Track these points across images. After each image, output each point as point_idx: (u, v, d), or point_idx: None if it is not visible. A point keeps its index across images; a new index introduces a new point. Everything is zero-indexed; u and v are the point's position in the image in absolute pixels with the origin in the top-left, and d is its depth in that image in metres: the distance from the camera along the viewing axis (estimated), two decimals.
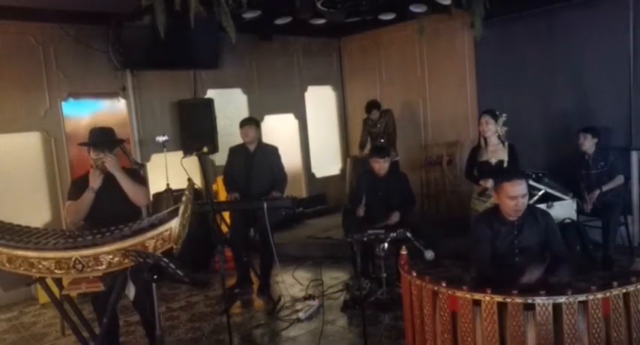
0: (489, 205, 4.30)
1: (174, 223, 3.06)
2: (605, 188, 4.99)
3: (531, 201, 4.74)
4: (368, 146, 6.75)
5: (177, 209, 3.13)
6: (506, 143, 4.44)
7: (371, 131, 6.81)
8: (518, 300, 2.36)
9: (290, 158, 6.96)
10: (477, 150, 4.62)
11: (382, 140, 6.66)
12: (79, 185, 3.47)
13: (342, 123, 8.48)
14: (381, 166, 4.81)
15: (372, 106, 6.68)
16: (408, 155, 7.19)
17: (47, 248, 3.08)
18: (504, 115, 4.48)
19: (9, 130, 5.33)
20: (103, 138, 3.47)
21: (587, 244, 4.89)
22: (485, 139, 4.49)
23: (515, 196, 3.03)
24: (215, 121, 6.48)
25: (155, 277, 2.78)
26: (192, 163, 3.95)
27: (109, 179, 3.42)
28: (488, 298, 2.41)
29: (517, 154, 4.44)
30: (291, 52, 7.77)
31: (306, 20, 5.61)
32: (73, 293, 3.45)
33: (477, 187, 4.52)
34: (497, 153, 4.44)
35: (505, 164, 4.37)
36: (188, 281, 2.93)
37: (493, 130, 4.44)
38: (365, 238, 4.19)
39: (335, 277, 5.35)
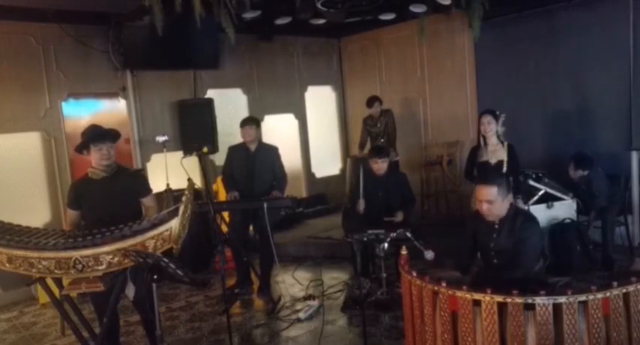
0: None
1: (174, 223, 3.06)
2: (589, 225, 5.01)
3: (531, 201, 4.75)
4: (368, 146, 6.75)
5: (177, 209, 3.13)
6: (506, 143, 4.45)
7: (370, 131, 6.81)
8: (518, 300, 2.36)
9: (290, 158, 6.96)
10: (476, 150, 4.63)
11: (382, 140, 6.66)
12: (78, 191, 3.46)
13: (342, 123, 8.47)
14: (379, 166, 4.81)
15: (374, 99, 6.67)
16: (408, 155, 7.19)
17: (47, 248, 3.08)
18: (503, 115, 4.49)
19: (9, 130, 5.33)
20: (100, 131, 3.47)
21: (587, 244, 4.89)
22: (485, 139, 4.49)
23: (479, 199, 3.08)
24: (215, 121, 6.48)
25: (155, 277, 2.79)
26: (192, 163, 3.96)
27: (110, 180, 3.43)
28: (488, 298, 2.41)
29: (516, 154, 4.44)
30: (291, 52, 7.77)
31: (306, 20, 5.61)
32: (73, 293, 3.46)
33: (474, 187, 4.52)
34: (496, 153, 4.45)
35: (505, 164, 4.37)
36: (188, 281, 2.93)
37: (494, 129, 4.45)
38: (365, 238, 4.19)
39: (335, 277, 5.35)
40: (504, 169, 4.35)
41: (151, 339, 3.63)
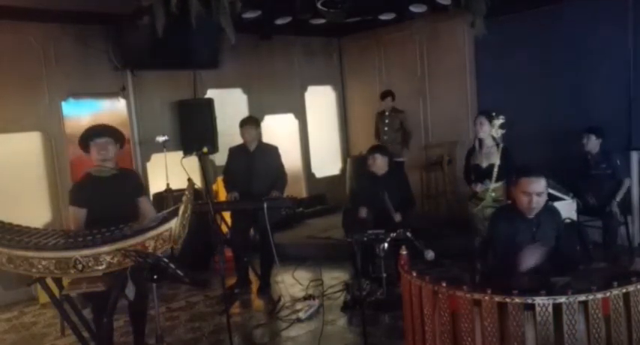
0: (480, 208, 4.30)
1: (174, 223, 3.07)
2: (618, 198, 5.02)
3: None
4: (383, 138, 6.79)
5: (177, 209, 3.14)
6: (501, 146, 4.38)
7: (378, 126, 6.84)
8: (518, 300, 2.36)
9: (290, 158, 6.96)
10: (471, 153, 4.59)
11: (385, 137, 6.67)
12: (87, 188, 3.44)
13: (342, 123, 8.47)
14: (375, 162, 4.79)
15: (387, 93, 6.79)
16: (408, 155, 7.17)
17: (47, 248, 3.08)
18: (501, 117, 4.41)
19: (9, 130, 5.33)
20: (98, 128, 3.50)
21: (587, 244, 4.88)
22: (480, 141, 4.45)
23: (529, 192, 2.98)
24: (215, 121, 6.48)
25: (155, 277, 2.79)
26: (192, 163, 3.95)
27: (118, 177, 3.44)
28: (488, 298, 2.41)
29: (511, 157, 4.35)
30: (291, 52, 7.77)
31: (306, 20, 5.61)
32: (73, 293, 3.45)
33: (469, 190, 4.51)
34: (490, 156, 4.38)
35: (496, 168, 4.30)
36: (188, 281, 2.94)
37: (487, 131, 4.39)
38: (365, 238, 4.19)
39: (335, 277, 5.35)
40: (495, 172, 4.29)
41: (136, 341, 3.65)
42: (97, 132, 3.43)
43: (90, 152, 3.44)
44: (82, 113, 5.93)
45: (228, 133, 6.38)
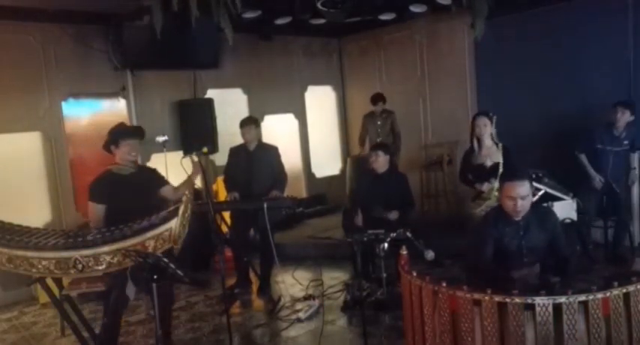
0: (484, 208, 4.29)
1: (174, 223, 3.07)
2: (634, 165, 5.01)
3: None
4: (367, 144, 6.76)
5: (177, 209, 3.14)
6: (500, 145, 4.38)
7: (369, 128, 6.84)
8: (518, 300, 2.36)
9: (290, 158, 6.96)
10: (470, 154, 4.57)
11: (379, 139, 6.68)
12: (109, 184, 3.49)
13: (342, 123, 8.47)
14: (378, 159, 4.79)
15: (380, 98, 6.74)
16: (408, 155, 7.18)
17: (47, 248, 3.09)
18: (494, 116, 4.42)
19: (9, 130, 5.32)
20: (130, 127, 3.65)
21: (587, 244, 4.88)
22: (479, 142, 4.44)
23: (513, 196, 2.99)
24: (215, 121, 6.48)
25: (155, 277, 2.79)
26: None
27: (138, 174, 3.49)
28: (488, 298, 2.41)
29: (512, 155, 4.34)
30: (291, 52, 7.76)
31: (306, 20, 5.62)
32: (73, 293, 3.46)
33: (472, 191, 4.50)
34: (492, 155, 4.37)
35: (501, 166, 4.30)
36: (188, 281, 2.94)
37: (489, 131, 4.39)
38: (365, 238, 4.19)
39: (335, 277, 5.35)
40: (500, 170, 4.28)
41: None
42: (131, 132, 3.62)
43: (117, 150, 3.55)
44: (82, 113, 5.93)
45: (228, 133, 6.37)
